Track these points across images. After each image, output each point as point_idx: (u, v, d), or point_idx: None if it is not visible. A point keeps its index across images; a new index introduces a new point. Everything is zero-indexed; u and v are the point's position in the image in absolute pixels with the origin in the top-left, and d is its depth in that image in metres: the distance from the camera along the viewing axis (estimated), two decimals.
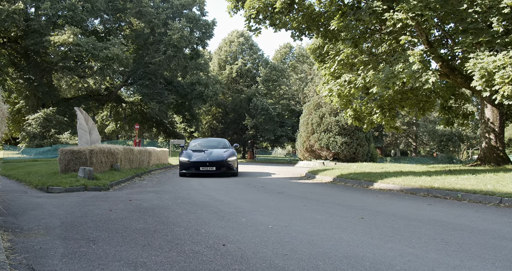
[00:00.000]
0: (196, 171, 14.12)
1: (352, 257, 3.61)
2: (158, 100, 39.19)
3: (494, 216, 5.72)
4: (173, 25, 37.35)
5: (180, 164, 14.45)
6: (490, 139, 14.56)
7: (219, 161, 14.19)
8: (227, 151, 14.99)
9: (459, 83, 13.77)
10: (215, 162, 14.14)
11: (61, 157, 11.57)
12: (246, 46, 57.39)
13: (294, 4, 13.21)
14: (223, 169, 14.27)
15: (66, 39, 29.84)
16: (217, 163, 14.15)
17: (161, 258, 3.53)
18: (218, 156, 14.52)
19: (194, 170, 14.11)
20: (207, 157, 14.40)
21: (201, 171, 14.12)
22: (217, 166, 14.13)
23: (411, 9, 10.33)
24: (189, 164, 14.14)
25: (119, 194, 8.78)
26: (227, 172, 14.44)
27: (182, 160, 14.34)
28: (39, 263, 3.34)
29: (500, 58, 9.37)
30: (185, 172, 14.30)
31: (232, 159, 14.54)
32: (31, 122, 31.62)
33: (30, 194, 8.74)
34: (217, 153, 14.78)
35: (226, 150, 15.29)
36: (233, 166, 14.52)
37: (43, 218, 5.43)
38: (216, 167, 14.10)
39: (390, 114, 15.66)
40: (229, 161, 14.41)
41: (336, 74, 14.68)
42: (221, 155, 14.61)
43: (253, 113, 49.30)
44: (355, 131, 25.35)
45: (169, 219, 5.48)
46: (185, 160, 14.27)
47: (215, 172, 14.16)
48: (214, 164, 14.10)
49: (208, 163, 14.08)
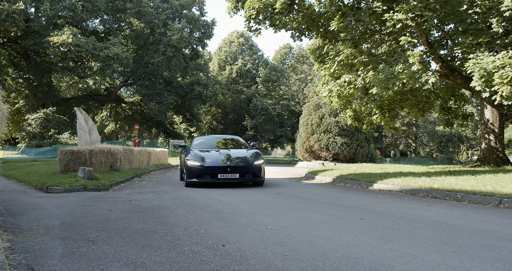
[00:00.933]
0: (213, 179, 10.25)
1: (351, 257, 3.61)
2: (158, 101, 39.22)
3: (493, 217, 5.72)
4: (173, 25, 37.38)
5: (187, 169, 10.52)
6: (489, 140, 14.57)
7: (243, 166, 10.35)
8: (250, 151, 11.24)
9: (458, 84, 13.78)
10: (239, 167, 10.32)
11: (60, 157, 11.57)
12: (246, 47, 57.46)
13: (294, 4, 13.21)
14: (248, 176, 10.39)
15: (65, 40, 29.85)
16: (241, 168, 10.32)
17: (160, 259, 3.53)
18: (241, 158, 10.70)
19: (209, 178, 10.24)
20: (227, 159, 10.55)
21: (220, 179, 10.20)
22: (241, 172, 10.28)
23: (411, 9, 10.33)
24: (202, 170, 10.22)
25: (119, 194, 8.78)
26: (253, 180, 10.61)
27: (192, 165, 10.37)
28: (39, 263, 3.34)
29: (500, 59, 9.38)
30: (196, 181, 10.30)
31: (259, 163, 10.65)
32: (31, 122, 31.62)
33: (29, 194, 8.74)
34: (238, 153, 11.07)
35: (247, 149, 11.68)
36: (261, 172, 10.67)
37: (42, 218, 5.42)
38: (239, 174, 10.25)
39: (389, 115, 15.66)
40: (256, 165, 10.53)
41: (336, 75, 14.69)
42: (244, 156, 10.81)
43: (253, 113, 49.33)
44: (355, 132, 25.36)
45: (168, 220, 5.48)
46: (196, 164, 10.32)
47: (238, 180, 10.29)
48: (237, 169, 10.26)
49: (229, 168, 10.21)
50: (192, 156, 10.76)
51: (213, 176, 10.23)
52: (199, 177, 10.29)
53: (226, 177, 10.19)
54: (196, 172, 10.30)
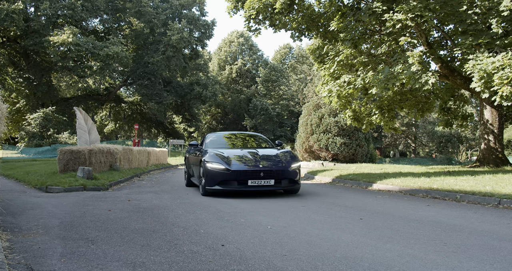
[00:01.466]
0: (241, 186, 8.14)
1: (351, 257, 3.61)
2: (157, 101, 39.21)
3: (492, 217, 5.73)
4: (173, 25, 37.37)
5: (207, 174, 8.31)
6: (489, 140, 14.58)
7: (280, 170, 8.31)
8: (282, 152, 9.15)
9: (458, 84, 13.79)
10: (274, 171, 8.26)
11: (60, 156, 11.56)
12: (246, 47, 57.47)
13: (294, 4, 13.21)
14: (284, 183, 8.36)
15: (65, 39, 29.84)
16: (278, 172, 8.28)
17: (160, 258, 3.53)
18: (274, 159, 8.64)
19: (236, 185, 8.13)
20: (256, 161, 8.45)
21: (250, 187, 8.12)
22: (276, 178, 8.25)
23: (411, 10, 10.34)
24: (228, 175, 8.09)
25: (118, 194, 8.78)
26: (288, 188, 8.50)
27: (213, 168, 8.23)
28: (38, 263, 3.34)
29: (499, 60, 9.38)
30: (218, 188, 8.16)
31: (296, 165, 8.68)
32: (30, 122, 31.60)
33: (29, 194, 8.74)
34: (268, 154, 8.91)
35: (277, 149, 9.64)
36: (298, 178, 8.66)
37: (42, 218, 5.42)
38: (275, 180, 8.22)
39: (389, 115, 15.67)
40: (294, 169, 8.55)
41: (336, 75, 14.69)
42: (277, 158, 8.73)
43: (253, 113, 49.35)
44: (354, 132, 25.35)
45: (168, 219, 5.48)
46: (219, 167, 8.18)
47: (273, 188, 8.23)
48: (272, 174, 8.22)
49: (262, 172, 8.16)
50: (211, 156, 8.45)
51: (242, 183, 8.09)
52: (223, 184, 8.12)
53: (258, 183, 8.09)
54: (220, 177, 8.11)
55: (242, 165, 8.24)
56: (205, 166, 8.40)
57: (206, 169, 8.33)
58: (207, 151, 8.89)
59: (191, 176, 10.46)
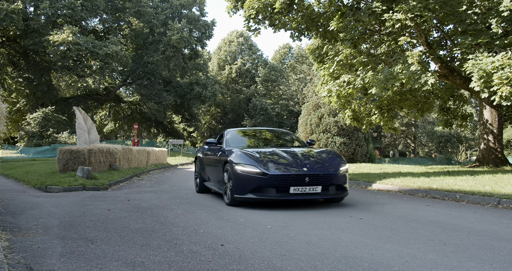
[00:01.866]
0: (281, 195, 6.49)
1: (350, 257, 3.62)
2: (156, 101, 39.20)
3: (492, 217, 5.73)
4: (173, 25, 37.36)
5: (236, 179, 6.75)
6: (488, 140, 14.58)
7: (327, 174, 6.74)
8: (324, 151, 7.72)
9: (458, 84, 13.79)
10: (322, 176, 6.67)
11: (59, 156, 11.56)
12: (246, 46, 57.47)
13: (294, 4, 13.21)
14: (332, 190, 6.78)
15: (65, 38, 29.82)
16: (325, 177, 6.70)
17: (159, 258, 3.53)
18: (318, 162, 7.06)
19: (275, 193, 6.49)
20: (299, 164, 6.82)
21: (292, 195, 6.49)
22: (324, 184, 6.65)
23: (410, 10, 10.34)
24: (265, 181, 6.51)
25: (118, 193, 8.78)
26: (336, 196, 6.91)
27: (246, 172, 6.66)
28: (37, 263, 3.34)
29: (499, 59, 9.39)
30: (252, 197, 6.57)
31: (344, 169, 7.15)
32: (30, 121, 31.58)
33: (28, 193, 8.74)
34: (309, 154, 7.41)
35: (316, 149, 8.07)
36: (346, 184, 7.13)
37: (41, 218, 5.42)
38: (322, 186, 6.62)
39: (388, 115, 15.68)
40: (342, 173, 7.02)
41: (335, 75, 14.70)
42: (321, 159, 7.21)
43: (252, 113, 49.37)
44: (354, 132, 25.36)
45: (167, 219, 5.48)
46: (253, 171, 6.62)
47: (319, 196, 6.65)
48: (318, 179, 6.62)
49: (307, 177, 6.54)
50: (241, 157, 6.91)
51: (282, 190, 6.45)
52: (258, 192, 6.51)
53: (303, 191, 6.46)
54: (253, 183, 6.53)
55: (281, 168, 6.63)
56: (233, 168, 6.79)
57: (235, 172, 6.73)
58: (232, 151, 7.28)
59: (204, 180, 8.86)
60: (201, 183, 9.10)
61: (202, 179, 9.07)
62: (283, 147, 8.13)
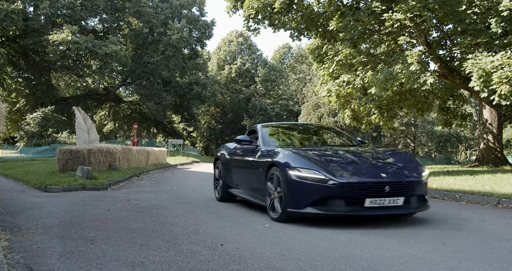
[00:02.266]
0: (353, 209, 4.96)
1: (350, 257, 3.62)
2: (156, 101, 39.19)
3: (492, 217, 5.73)
4: (173, 25, 37.35)
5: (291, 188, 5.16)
6: (488, 140, 14.59)
7: (411, 182, 5.30)
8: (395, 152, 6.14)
9: (457, 84, 13.80)
10: (404, 184, 5.20)
11: (59, 156, 11.56)
12: (245, 46, 57.45)
13: (293, 4, 13.22)
14: (413, 202, 5.29)
15: (64, 38, 29.81)
16: (408, 186, 5.24)
17: (159, 258, 3.53)
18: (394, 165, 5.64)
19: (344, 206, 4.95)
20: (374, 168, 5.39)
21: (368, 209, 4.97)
22: (406, 194, 5.17)
23: (410, 9, 10.34)
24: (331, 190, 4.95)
25: (117, 193, 8.78)
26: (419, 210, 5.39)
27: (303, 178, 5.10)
28: (37, 263, 3.33)
29: (498, 59, 9.40)
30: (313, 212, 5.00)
31: (426, 174, 5.66)
32: (30, 121, 31.56)
33: (28, 193, 8.73)
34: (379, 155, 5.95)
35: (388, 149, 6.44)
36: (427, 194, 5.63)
37: (41, 217, 5.42)
38: (405, 197, 5.13)
39: (388, 115, 15.69)
40: (425, 180, 5.56)
41: (335, 75, 14.72)
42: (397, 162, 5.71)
43: (252, 113, 49.36)
44: (354, 131, 25.38)
45: (167, 219, 5.48)
46: (314, 177, 5.05)
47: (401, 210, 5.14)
48: (401, 188, 5.15)
49: (387, 185, 5.03)
50: (295, 159, 5.32)
51: (354, 203, 4.94)
52: (321, 205, 4.96)
53: (381, 204, 4.98)
54: (315, 193, 4.99)
55: (352, 174, 5.07)
56: (285, 174, 5.19)
57: (289, 179, 5.13)
58: (277, 151, 5.73)
59: (230, 187, 7.36)
60: (225, 190, 7.45)
61: (226, 185, 7.46)
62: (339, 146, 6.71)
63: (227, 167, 7.46)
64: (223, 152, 7.81)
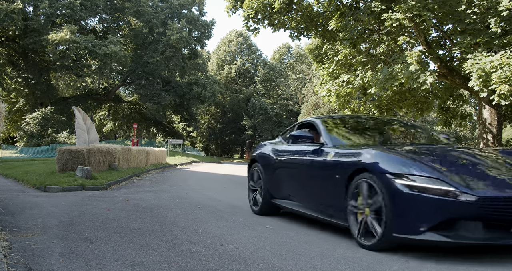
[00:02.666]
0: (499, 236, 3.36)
1: (350, 257, 3.62)
2: (156, 101, 39.18)
3: None
4: (172, 25, 37.34)
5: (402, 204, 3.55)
6: (488, 140, 14.58)
7: None
8: None
9: (457, 84, 13.79)
10: None
11: (59, 156, 11.56)
12: (245, 46, 57.47)
13: (293, 4, 13.21)
14: None
15: (64, 37, 29.80)
16: None
17: (158, 258, 3.53)
18: None
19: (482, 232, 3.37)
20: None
21: None
22: None
23: (409, 9, 10.34)
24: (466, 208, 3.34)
25: (117, 193, 8.78)
26: None
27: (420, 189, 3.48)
28: (37, 263, 3.33)
29: (498, 59, 9.40)
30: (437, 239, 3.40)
31: None
32: (29, 121, 31.55)
33: (27, 193, 8.73)
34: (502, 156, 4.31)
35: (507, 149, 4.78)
36: None
37: (40, 217, 5.42)
38: None
39: (388, 115, 15.69)
40: None
41: (334, 75, 14.71)
42: None
43: (251, 113, 49.37)
44: None
45: (167, 219, 5.48)
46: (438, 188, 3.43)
47: None
48: None
49: None
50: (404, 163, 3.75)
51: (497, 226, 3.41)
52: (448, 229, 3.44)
53: None
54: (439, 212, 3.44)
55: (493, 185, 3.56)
56: (388, 183, 3.67)
57: (395, 191, 3.62)
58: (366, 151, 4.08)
59: (274, 197, 5.76)
60: (267, 201, 5.84)
61: (269, 195, 5.81)
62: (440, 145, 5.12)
63: (272, 172, 5.79)
64: (263, 152, 6.17)
